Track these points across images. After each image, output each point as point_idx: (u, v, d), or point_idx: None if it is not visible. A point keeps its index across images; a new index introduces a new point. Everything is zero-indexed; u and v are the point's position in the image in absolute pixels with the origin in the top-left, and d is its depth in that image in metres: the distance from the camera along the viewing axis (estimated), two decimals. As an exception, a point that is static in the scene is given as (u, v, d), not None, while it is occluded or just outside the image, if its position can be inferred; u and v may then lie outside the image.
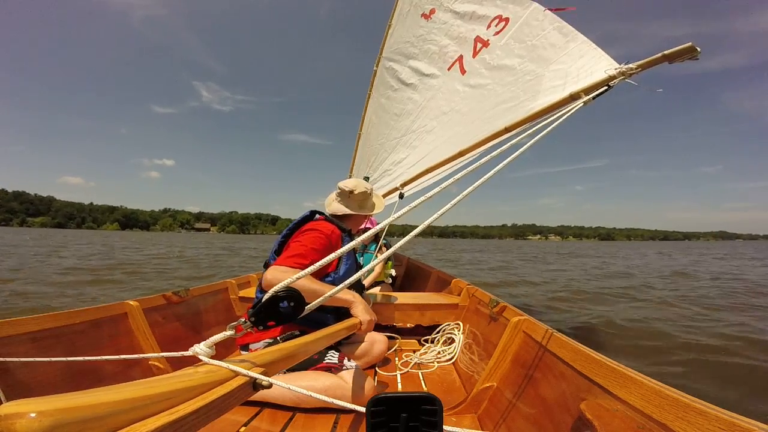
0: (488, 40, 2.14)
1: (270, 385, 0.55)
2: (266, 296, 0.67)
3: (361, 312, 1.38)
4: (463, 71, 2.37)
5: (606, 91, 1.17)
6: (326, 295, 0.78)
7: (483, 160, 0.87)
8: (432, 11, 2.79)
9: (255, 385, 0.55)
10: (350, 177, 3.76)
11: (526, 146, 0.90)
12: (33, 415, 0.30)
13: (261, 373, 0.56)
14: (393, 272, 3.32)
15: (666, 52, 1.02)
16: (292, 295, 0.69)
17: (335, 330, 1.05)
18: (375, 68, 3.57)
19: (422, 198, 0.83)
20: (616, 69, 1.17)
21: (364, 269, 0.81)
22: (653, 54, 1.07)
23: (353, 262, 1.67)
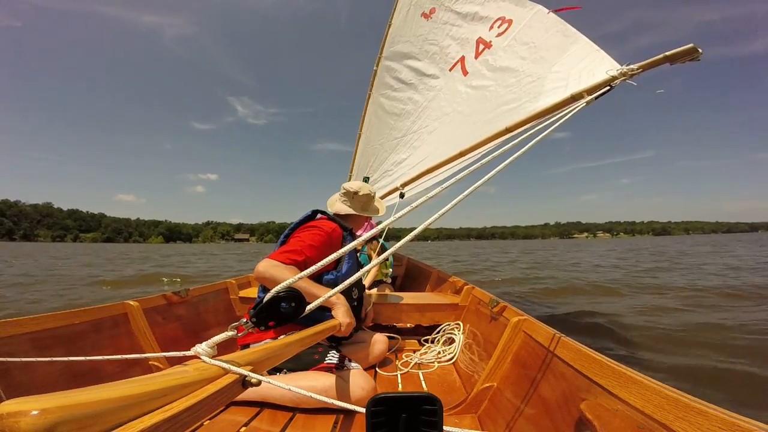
0: (490, 41, 2.14)
1: (259, 383, 0.56)
2: (267, 297, 0.68)
3: (341, 314, 1.37)
4: (465, 72, 2.37)
5: (608, 91, 1.18)
6: (326, 296, 0.79)
7: (484, 161, 0.88)
8: (432, 10, 2.79)
9: (245, 383, 0.56)
10: (350, 177, 3.76)
11: (528, 146, 0.90)
12: (35, 412, 0.30)
13: (250, 371, 0.57)
14: (390, 271, 3.31)
15: (667, 53, 1.03)
16: (294, 295, 0.70)
17: (316, 331, 1.07)
18: (375, 68, 3.56)
19: (423, 198, 0.83)
20: (617, 70, 1.18)
21: (365, 268, 0.82)
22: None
23: (355, 262, 1.67)
